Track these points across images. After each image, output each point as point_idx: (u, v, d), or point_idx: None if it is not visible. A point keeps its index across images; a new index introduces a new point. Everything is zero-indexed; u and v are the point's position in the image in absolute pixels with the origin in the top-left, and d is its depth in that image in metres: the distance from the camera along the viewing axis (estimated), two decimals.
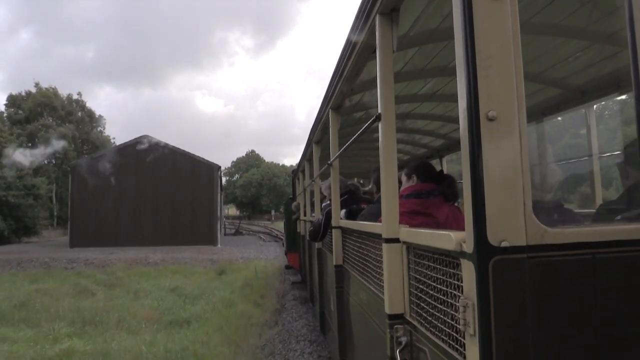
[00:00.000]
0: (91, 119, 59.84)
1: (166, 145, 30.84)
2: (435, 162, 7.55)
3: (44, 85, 55.49)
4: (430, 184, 2.97)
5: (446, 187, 2.99)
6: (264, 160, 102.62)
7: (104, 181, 29.27)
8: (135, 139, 31.17)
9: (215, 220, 30.57)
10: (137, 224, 29.37)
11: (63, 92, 57.16)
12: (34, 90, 53.81)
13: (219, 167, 31.49)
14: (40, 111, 52.42)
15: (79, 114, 58.39)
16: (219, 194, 31.22)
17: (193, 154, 31.44)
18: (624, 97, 3.95)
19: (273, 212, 76.93)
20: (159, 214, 29.69)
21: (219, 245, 28.78)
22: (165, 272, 15.90)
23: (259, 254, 22.33)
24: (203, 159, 31.56)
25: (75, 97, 58.86)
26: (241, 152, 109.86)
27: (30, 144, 48.81)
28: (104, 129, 62.26)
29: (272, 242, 32.18)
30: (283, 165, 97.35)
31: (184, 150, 31.60)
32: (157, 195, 29.85)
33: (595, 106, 4.27)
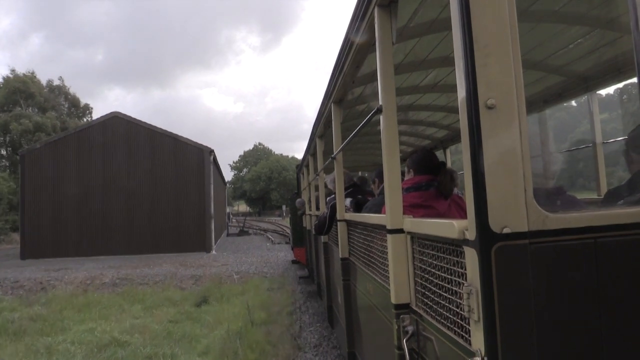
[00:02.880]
0: (76, 107, 55.34)
1: (143, 125, 23.91)
2: (439, 153, 7.54)
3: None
4: (426, 175, 2.96)
5: (447, 180, 2.97)
6: (273, 153, 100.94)
7: (64, 173, 23.01)
8: (103, 116, 24.05)
9: (208, 219, 23.90)
10: (106, 227, 23.00)
11: (43, 78, 52.76)
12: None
13: (211, 151, 24.49)
14: (16, 99, 47.87)
15: (63, 101, 54.06)
16: (212, 185, 24.71)
17: (177, 135, 24.14)
18: (626, 82, 3.93)
19: (284, 207, 73.59)
20: (134, 213, 23.32)
21: (212, 252, 22.92)
22: (120, 301, 10.82)
23: (262, 266, 16.19)
24: (190, 140, 24.23)
25: (56, 82, 54.03)
26: (250, 148, 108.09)
27: (4, 134, 45.32)
28: (90, 118, 55.55)
29: (282, 245, 25.45)
30: (293, 157, 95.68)
31: (165, 131, 24.00)
32: (132, 190, 23.34)
33: (598, 93, 4.25)
